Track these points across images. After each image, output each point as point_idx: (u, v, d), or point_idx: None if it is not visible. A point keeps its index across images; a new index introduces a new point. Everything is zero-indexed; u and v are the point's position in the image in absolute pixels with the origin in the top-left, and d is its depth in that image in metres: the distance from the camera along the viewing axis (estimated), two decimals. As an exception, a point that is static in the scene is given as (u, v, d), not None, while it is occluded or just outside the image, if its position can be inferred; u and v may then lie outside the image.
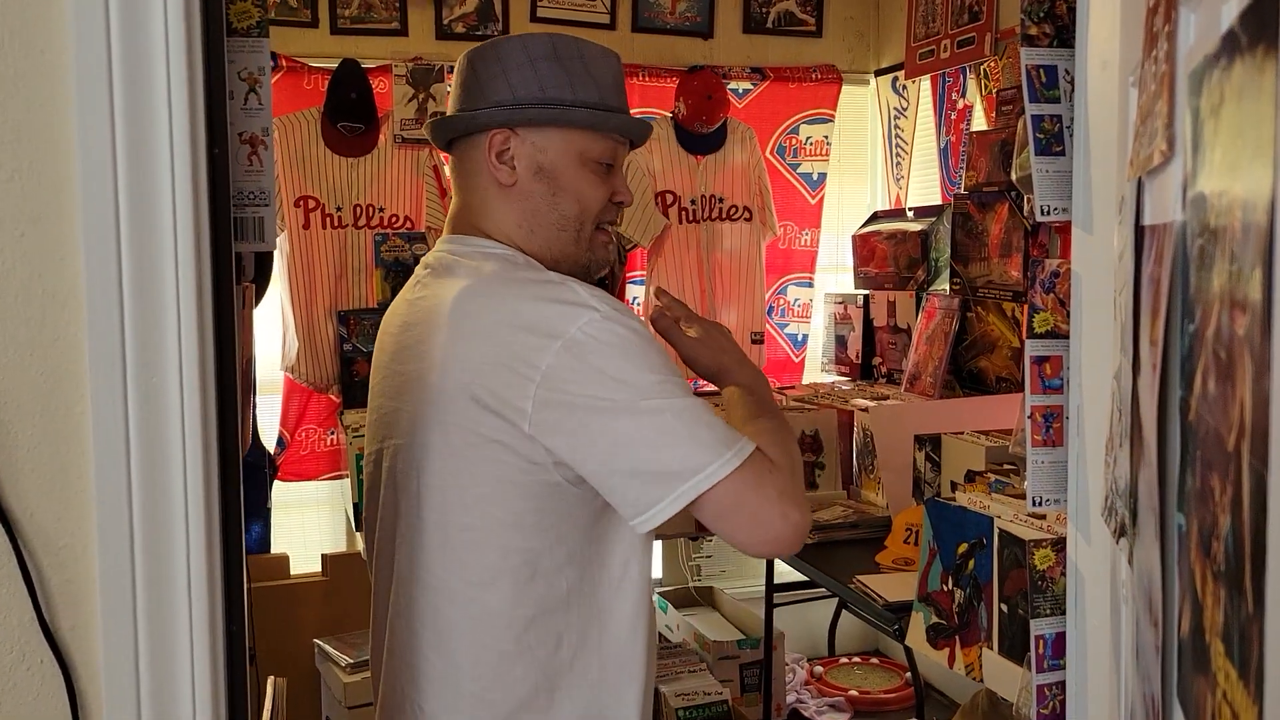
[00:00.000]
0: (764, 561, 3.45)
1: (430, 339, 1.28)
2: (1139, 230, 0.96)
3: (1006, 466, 2.45)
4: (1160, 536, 0.81)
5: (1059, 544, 1.45)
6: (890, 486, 2.87)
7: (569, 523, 1.25)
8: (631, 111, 1.43)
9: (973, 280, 3.27)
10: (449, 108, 1.41)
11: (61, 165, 0.88)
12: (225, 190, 0.97)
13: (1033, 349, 1.40)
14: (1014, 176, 1.78)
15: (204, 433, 0.92)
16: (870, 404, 3.20)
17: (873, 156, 4.05)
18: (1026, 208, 3.02)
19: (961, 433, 2.73)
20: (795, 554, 1.83)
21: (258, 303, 1.51)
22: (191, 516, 0.92)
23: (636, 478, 1.18)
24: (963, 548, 1.97)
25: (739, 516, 1.20)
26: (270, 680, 1.91)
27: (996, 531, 1.85)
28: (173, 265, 0.89)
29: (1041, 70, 1.35)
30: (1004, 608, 1.84)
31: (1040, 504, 1.37)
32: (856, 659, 3.91)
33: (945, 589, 2.01)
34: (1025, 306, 3.17)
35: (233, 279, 0.99)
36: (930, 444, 2.77)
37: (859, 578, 2.43)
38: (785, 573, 3.07)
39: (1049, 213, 1.38)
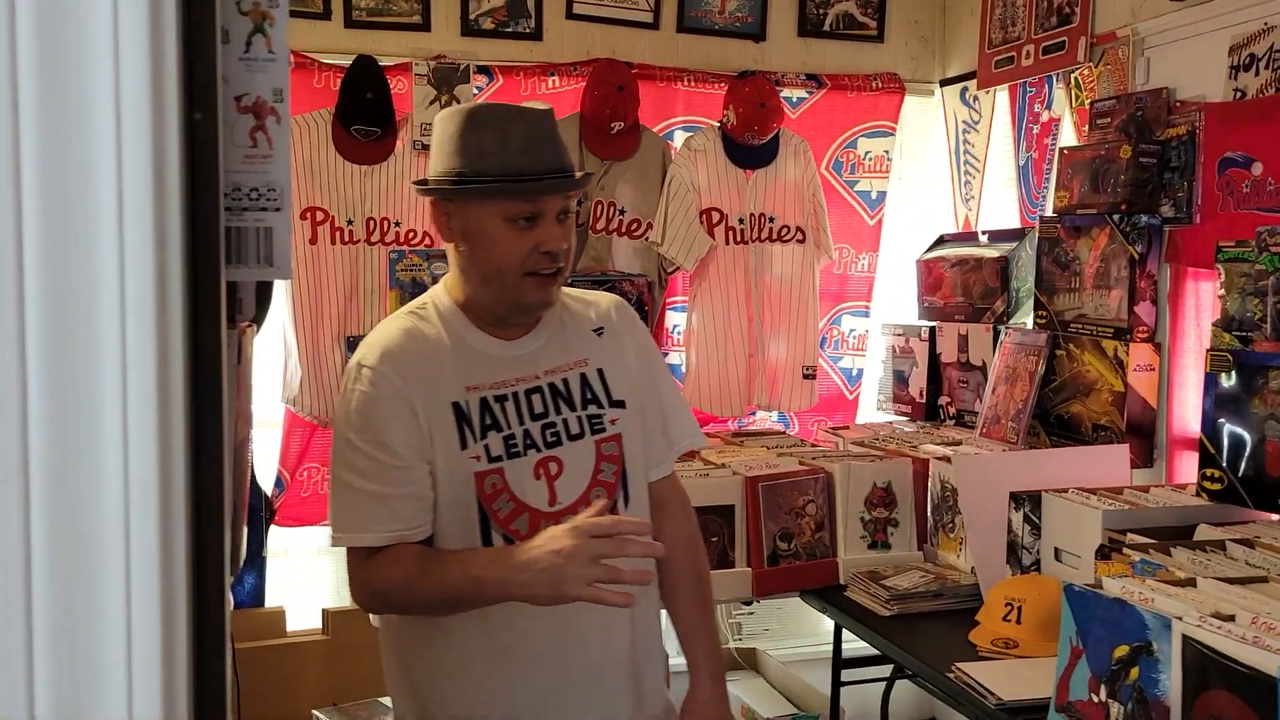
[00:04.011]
0: (818, 621, 3.08)
1: None
2: None
3: (1132, 536, 2.08)
4: None
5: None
6: (979, 551, 2.49)
7: None
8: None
9: (1060, 313, 2.91)
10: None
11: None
12: (213, 184, 0.60)
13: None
14: None
15: (165, 571, 0.54)
16: (946, 450, 2.83)
17: (938, 174, 3.69)
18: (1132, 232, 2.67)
19: (1065, 490, 2.36)
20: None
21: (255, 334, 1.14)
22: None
23: None
24: (1122, 651, 1.60)
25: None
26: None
27: (1178, 637, 1.48)
28: (117, 301, 0.52)
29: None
30: (1186, 733, 1.47)
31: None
32: (913, 731, 3.52)
33: (1096, 700, 1.63)
34: (1130, 345, 2.84)
35: (220, 321, 0.62)
36: (1030, 502, 2.39)
37: (959, 666, 2.06)
38: (855, 646, 2.67)
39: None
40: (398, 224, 3.16)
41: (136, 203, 0.53)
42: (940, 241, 3.49)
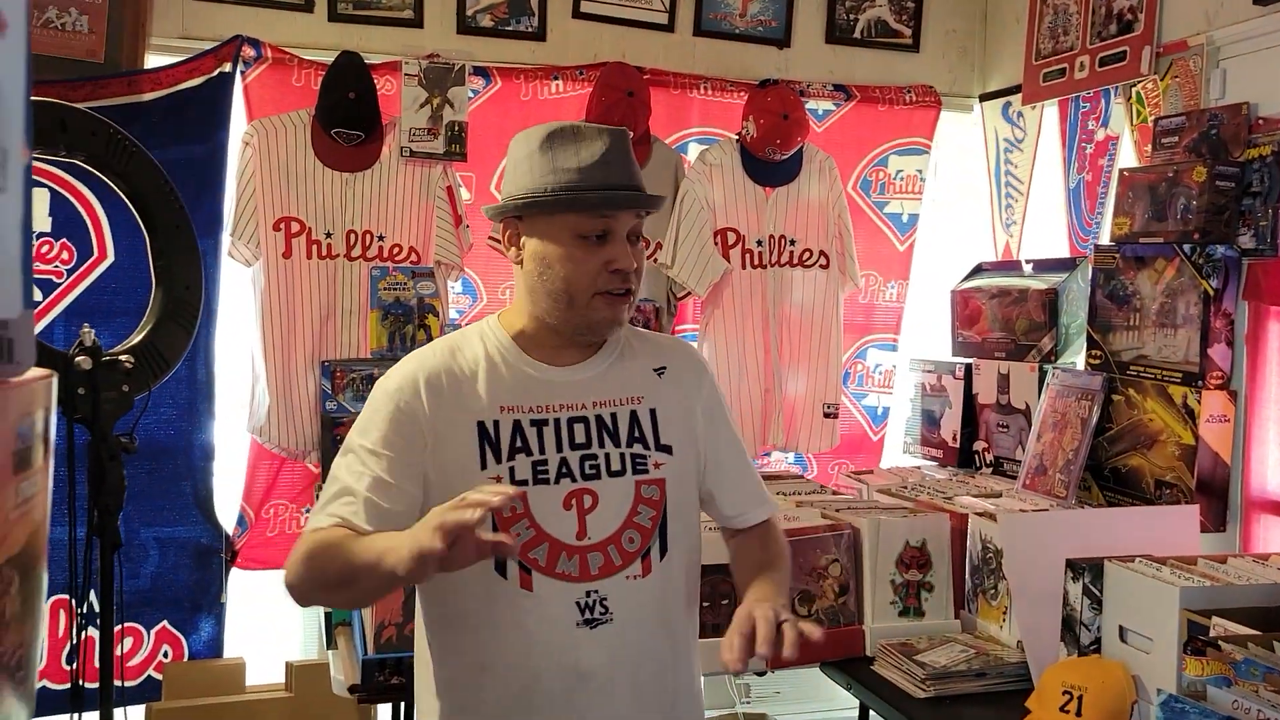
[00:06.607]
0: (834, 687, 2.76)
1: None
2: None
3: (1217, 620, 1.76)
4: None
5: None
6: (1028, 624, 2.18)
7: None
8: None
9: (1117, 353, 2.60)
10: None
11: None
12: None
13: None
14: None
15: None
16: (987, 505, 2.52)
17: (977, 197, 3.43)
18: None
19: (1131, 559, 2.04)
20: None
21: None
22: None
23: None
24: (1238, 786, 1.28)
25: None
26: None
27: (1321, 781, 1.17)
28: None
29: None
30: None
31: None
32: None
33: (1202, 844, 1.32)
34: (1202, 392, 2.52)
35: None
36: (1090, 572, 2.07)
37: (1017, 772, 1.74)
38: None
39: None
40: (381, 238, 2.89)
41: None
42: (978, 270, 3.22)
